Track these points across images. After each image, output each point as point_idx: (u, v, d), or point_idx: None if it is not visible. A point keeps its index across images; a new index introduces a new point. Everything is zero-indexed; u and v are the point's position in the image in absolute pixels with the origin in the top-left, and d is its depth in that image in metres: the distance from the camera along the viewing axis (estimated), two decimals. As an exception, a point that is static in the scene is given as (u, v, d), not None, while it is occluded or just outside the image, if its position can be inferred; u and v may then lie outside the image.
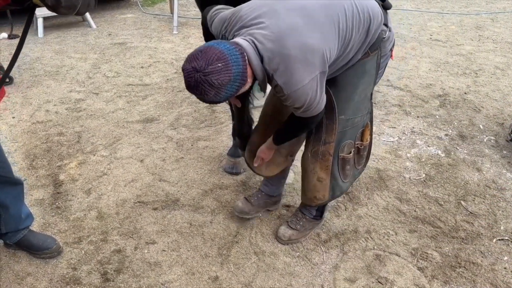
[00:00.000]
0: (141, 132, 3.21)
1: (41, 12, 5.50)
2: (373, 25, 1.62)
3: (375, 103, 3.60)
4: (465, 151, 2.94)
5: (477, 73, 4.19)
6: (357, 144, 1.92)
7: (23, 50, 4.77)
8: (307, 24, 1.45)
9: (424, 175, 2.70)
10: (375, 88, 3.85)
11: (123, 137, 3.15)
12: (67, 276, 2.02)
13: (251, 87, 1.66)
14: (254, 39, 1.44)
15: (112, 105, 3.63)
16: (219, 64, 1.35)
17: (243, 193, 2.53)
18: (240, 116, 2.35)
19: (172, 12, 5.84)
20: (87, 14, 5.76)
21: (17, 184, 1.98)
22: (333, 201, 2.46)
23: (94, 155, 2.93)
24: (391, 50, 1.81)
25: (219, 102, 1.48)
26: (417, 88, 3.88)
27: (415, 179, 2.66)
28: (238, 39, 1.48)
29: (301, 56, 1.43)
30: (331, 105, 1.75)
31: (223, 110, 3.46)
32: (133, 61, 4.59)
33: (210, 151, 2.94)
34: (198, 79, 1.35)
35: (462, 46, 4.95)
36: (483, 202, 2.47)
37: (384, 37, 1.69)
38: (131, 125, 3.31)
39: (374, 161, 2.83)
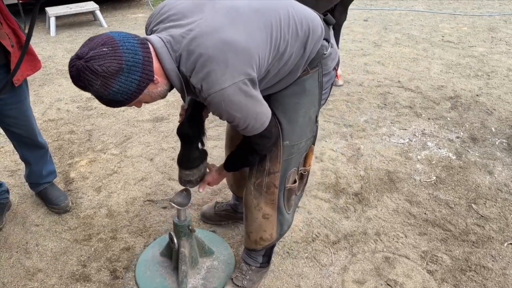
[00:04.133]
0: (151, 131, 3.23)
1: (54, 11, 5.56)
2: (312, 39, 1.45)
3: (385, 105, 3.58)
4: (477, 154, 2.91)
5: (489, 75, 4.14)
6: (300, 170, 1.71)
7: (36, 48, 4.81)
8: (234, 25, 1.28)
9: (434, 177, 2.68)
10: (387, 89, 3.84)
11: (133, 136, 3.17)
12: (76, 273, 2.03)
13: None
14: (170, 38, 1.27)
15: (122, 104, 3.65)
16: (104, 49, 1.14)
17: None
18: (192, 115, 1.75)
19: (183, 12, 5.86)
20: (99, 13, 5.82)
21: (41, 148, 2.29)
22: (342, 203, 2.46)
23: (105, 153, 2.96)
24: (335, 69, 1.63)
25: (118, 102, 1.23)
26: (428, 90, 3.84)
27: (425, 181, 2.64)
28: (150, 35, 1.32)
29: (220, 57, 1.24)
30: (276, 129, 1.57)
31: (233, 110, 3.47)
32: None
33: (220, 151, 2.95)
34: (79, 66, 1.13)
35: (475, 47, 4.90)
36: (495, 205, 2.44)
37: (325, 53, 1.52)
38: (141, 124, 3.33)
39: (384, 162, 2.82)
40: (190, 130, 1.70)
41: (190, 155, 1.74)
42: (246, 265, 1.92)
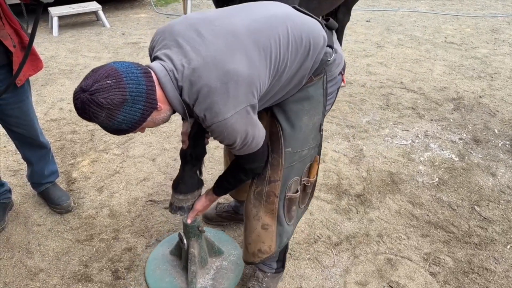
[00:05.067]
0: (153, 131, 3.23)
1: (56, 11, 5.57)
2: (314, 51, 1.43)
3: (388, 106, 3.57)
4: (480, 156, 2.90)
5: (492, 77, 4.13)
6: (303, 180, 1.66)
7: (38, 48, 4.81)
8: (233, 53, 1.28)
9: (437, 179, 2.67)
10: (389, 90, 3.83)
11: (135, 136, 3.16)
12: (78, 273, 2.03)
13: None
14: (172, 66, 1.28)
15: (125, 104, 3.65)
16: (108, 81, 1.17)
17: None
18: (197, 136, 1.73)
19: (185, 12, 5.87)
20: (101, 14, 5.82)
21: (43, 147, 2.28)
22: (344, 204, 2.45)
23: (107, 154, 2.96)
24: (341, 74, 1.60)
25: (123, 130, 1.26)
26: (431, 91, 3.84)
27: (428, 183, 2.63)
28: (153, 62, 1.34)
29: (222, 89, 1.25)
30: (277, 135, 1.55)
31: (235, 111, 3.47)
32: (146, 60, 4.61)
33: (221, 151, 2.95)
34: (84, 99, 1.16)
35: (478, 49, 4.89)
36: (497, 207, 2.43)
37: (329, 60, 1.49)
38: (143, 124, 3.33)
39: (386, 164, 2.81)
40: (194, 151, 1.69)
41: (189, 179, 1.72)
42: (262, 272, 1.89)
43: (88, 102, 1.16)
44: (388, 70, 4.30)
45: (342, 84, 1.59)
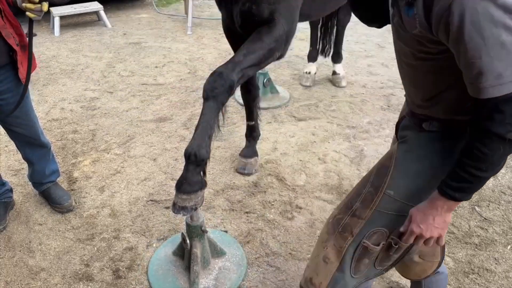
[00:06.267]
0: (154, 131, 3.24)
1: (58, 11, 5.58)
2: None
3: (388, 107, 3.58)
4: (480, 156, 2.90)
5: (493, 78, 4.13)
6: (391, 236, 1.34)
7: (40, 48, 4.82)
8: None
9: (437, 179, 2.67)
10: (390, 91, 3.83)
11: (136, 136, 3.17)
12: (79, 272, 2.04)
13: None
14: None
15: (126, 104, 3.67)
16: None
17: (255, 194, 2.53)
18: (202, 135, 1.74)
19: (186, 12, 5.88)
20: (103, 14, 5.84)
21: (43, 147, 2.30)
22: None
23: (108, 153, 2.96)
24: None
25: None
26: (432, 92, 3.83)
27: (428, 183, 2.64)
28: None
29: None
30: (386, 170, 1.33)
31: (236, 111, 3.47)
32: (147, 60, 4.62)
33: (222, 151, 2.95)
34: None
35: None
36: (498, 208, 2.44)
37: None
38: (144, 124, 3.34)
39: (387, 164, 2.81)
40: (198, 151, 1.67)
41: (193, 178, 1.71)
42: None
43: None
44: (389, 71, 4.30)
45: (342, 83, 1.44)
